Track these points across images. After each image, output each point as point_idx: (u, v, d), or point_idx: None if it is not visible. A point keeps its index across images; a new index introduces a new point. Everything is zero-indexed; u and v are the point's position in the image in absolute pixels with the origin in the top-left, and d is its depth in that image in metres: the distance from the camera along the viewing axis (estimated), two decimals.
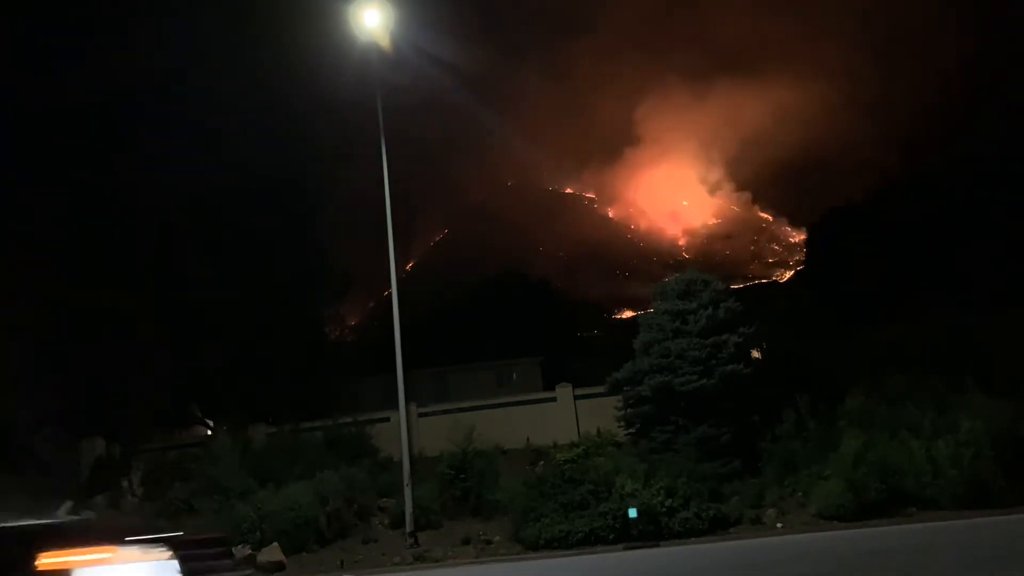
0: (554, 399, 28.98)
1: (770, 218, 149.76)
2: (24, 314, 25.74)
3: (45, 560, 4.33)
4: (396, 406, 23.28)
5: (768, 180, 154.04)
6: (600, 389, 25.81)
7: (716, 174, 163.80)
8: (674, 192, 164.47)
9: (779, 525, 19.18)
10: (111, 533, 5.06)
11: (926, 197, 38.67)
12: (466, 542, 20.06)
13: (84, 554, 4.41)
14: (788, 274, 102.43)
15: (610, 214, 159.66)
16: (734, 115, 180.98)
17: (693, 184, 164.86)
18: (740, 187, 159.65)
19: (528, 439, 27.13)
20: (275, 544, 19.73)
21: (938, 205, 37.35)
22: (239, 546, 19.89)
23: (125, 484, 26.11)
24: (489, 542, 20.04)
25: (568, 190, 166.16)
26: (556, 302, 61.89)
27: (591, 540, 18.79)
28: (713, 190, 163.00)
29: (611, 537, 18.74)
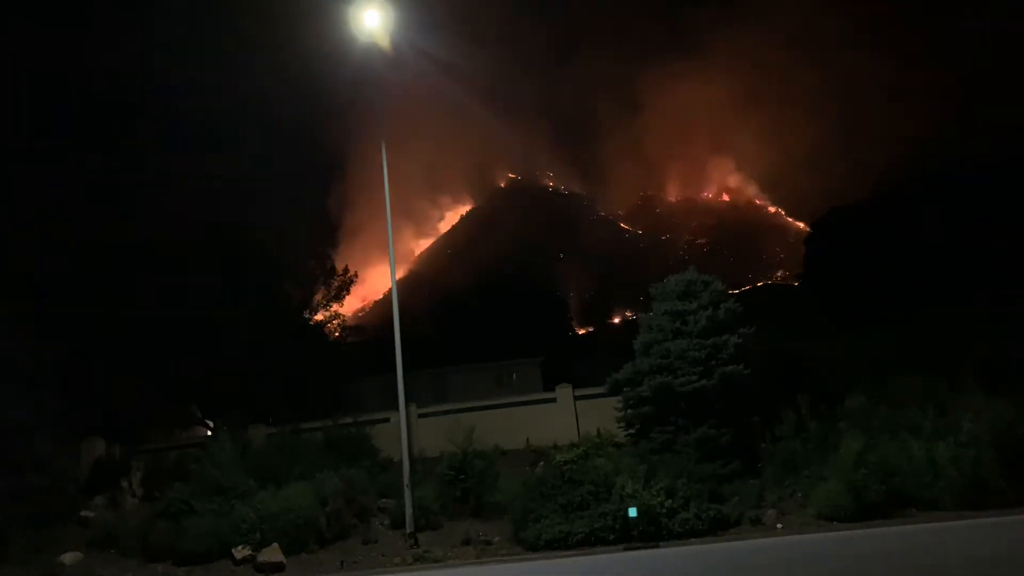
0: (554, 400, 28.98)
1: (774, 210, 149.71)
2: (25, 315, 25.77)
3: None
4: (396, 406, 23.27)
5: (769, 179, 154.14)
6: (600, 390, 25.80)
7: (716, 172, 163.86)
8: (675, 192, 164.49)
9: (779, 526, 19.17)
10: None
11: (926, 197, 38.71)
12: (466, 543, 20.05)
13: None
14: (788, 274, 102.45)
15: (610, 214, 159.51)
16: (738, 113, 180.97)
17: (694, 183, 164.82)
18: (742, 185, 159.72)
19: (528, 440, 27.14)
20: (275, 544, 19.75)
21: (938, 205, 37.38)
22: (239, 547, 19.95)
23: (125, 485, 26.08)
24: (489, 543, 20.03)
25: (567, 189, 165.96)
26: (556, 302, 61.94)
27: (591, 541, 18.78)
28: (713, 189, 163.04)
29: (611, 538, 18.72)
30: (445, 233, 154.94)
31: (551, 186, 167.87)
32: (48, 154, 33.95)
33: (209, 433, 32.05)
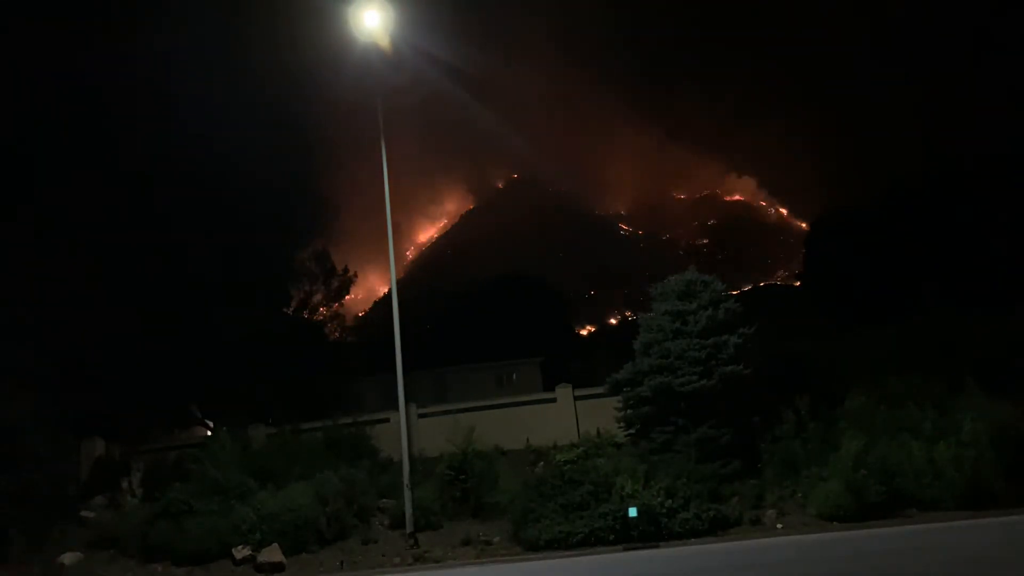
0: (554, 400, 28.98)
1: (775, 210, 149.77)
2: (25, 314, 25.75)
3: None
4: (396, 406, 23.26)
5: (770, 180, 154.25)
6: (600, 390, 25.80)
7: (717, 173, 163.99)
8: (675, 192, 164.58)
9: (779, 526, 19.16)
10: None
11: (926, 197, 38.67)
12: (466, 543, 20.04)
13: None
14: (788, 274, 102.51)
15: (610, 213, 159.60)
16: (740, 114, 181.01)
17: (693, 184, 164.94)
18: (742, 186, 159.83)
19: (528, 440, 27.14)
20: (275, 545, 19.75)
21: (938, 205, 37.35)
22: (239, 547, 19.95)
23: (125, 485, 26.11)
24: (489, 543, 20.03)
25: (567, 189, 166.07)
26: (556, 302, 61.83)
27: (591, 541, 18.77)
28: (714, 189, 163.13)
29: (611, 538, 18.71)
30: (445, 233, 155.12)
31: (551, 186, 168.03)
32: (47, 153, 33.93)
33: (209, 433, 32.05)
